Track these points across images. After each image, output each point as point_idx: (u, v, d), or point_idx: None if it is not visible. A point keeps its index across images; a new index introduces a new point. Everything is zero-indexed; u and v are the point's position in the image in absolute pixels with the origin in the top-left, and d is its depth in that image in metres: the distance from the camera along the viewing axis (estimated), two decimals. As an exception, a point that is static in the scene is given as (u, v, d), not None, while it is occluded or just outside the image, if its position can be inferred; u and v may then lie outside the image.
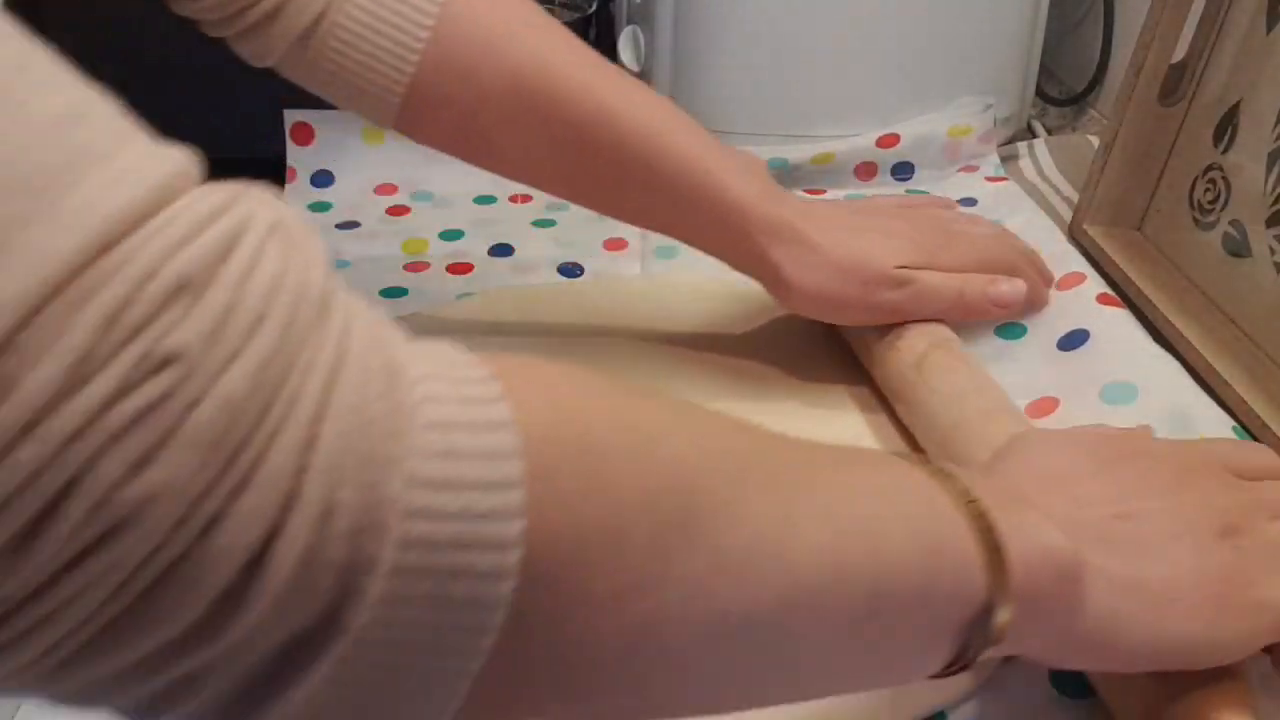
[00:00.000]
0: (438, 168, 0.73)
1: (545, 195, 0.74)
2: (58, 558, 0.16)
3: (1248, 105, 0.56)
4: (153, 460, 0.16)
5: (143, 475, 0.16)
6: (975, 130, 0.75)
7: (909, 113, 0.75)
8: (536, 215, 0.72)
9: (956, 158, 0.75)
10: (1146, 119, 0.61)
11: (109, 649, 0.17)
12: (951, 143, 0.75)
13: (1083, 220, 0.65)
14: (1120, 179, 0.64)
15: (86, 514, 0.16)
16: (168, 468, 0.17)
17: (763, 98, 0.76)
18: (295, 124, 0.75)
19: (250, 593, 0.17)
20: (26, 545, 0.16)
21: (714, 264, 0.58)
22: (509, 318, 0.61)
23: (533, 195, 0.74)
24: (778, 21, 0.73)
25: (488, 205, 0.74)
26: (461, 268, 0.66)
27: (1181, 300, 0.58)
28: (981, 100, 0.76)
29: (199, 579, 0.17)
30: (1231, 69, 0.57)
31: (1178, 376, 0.51)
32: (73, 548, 0.16)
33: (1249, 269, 0.55)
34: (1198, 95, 0.60)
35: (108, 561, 0.17)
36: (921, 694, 0.39)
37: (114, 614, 0.17)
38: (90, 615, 0.17)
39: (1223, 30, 0.58)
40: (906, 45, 0.74)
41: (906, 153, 0.75)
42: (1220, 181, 0.58)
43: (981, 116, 0.75)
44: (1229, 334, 0.55)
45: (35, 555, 0.16)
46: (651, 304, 0.62)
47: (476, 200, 0.74)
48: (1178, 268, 0.61)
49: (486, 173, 0.75)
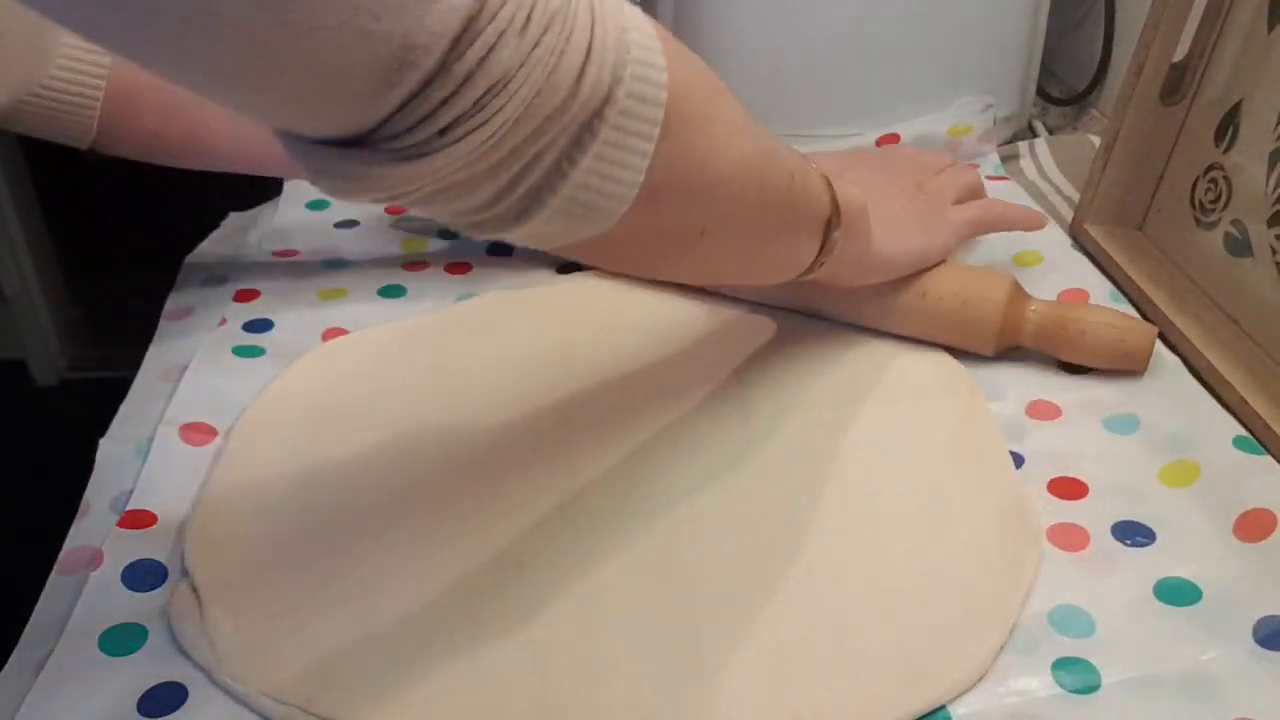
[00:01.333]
0: None
1: None
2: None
3: (1249, 105, 0.56)
4: (535, 43, 0.29)
5: (529, 50, 0.29)
6: (975, 130, 0.75)
7: (909, 113, 0.75)
8: None
9: (956, 157, 0.75)
10: (1147, 119, 0.61)
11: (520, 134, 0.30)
12: (951, 142, 0.75)
13: (1084, 220, 0.65)
14: (1121, 179, 0.63)
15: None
16: (539, 46, 0.29)
17: (763, 98, 0.75)
18: None
19: (581, 87, 0.30)
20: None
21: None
22: (509, 318, 0.60)
23: None
24: (777, 21, 0.73)
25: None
26: (460, 268, 0.66)
27: (1183, 300, 0.58)
28: (981, 100, 0.76)
29: (558, 84, 0.30)
30: (1232, 68, 0.57)
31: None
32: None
33: (1250, 269, 0.55)
34: (1199, 95, 0.60)
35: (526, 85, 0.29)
36: (923, 689, 0.39)
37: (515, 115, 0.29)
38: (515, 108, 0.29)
39: (1224, 30, 0.58)
40: (906, 45, 0.74)
41: None
42: (1221, 181, 0.58)
43: (981, 116, 0.75)
44: (1230, 334, 0.55)
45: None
46: (650, 300, 0.62)
47: None
48: (1179, 267, 0.61)
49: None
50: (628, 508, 0.47)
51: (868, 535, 0.45)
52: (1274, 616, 0.40)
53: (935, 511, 0.46)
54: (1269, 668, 0.39)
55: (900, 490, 0.48)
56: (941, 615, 0.42)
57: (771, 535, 0.46)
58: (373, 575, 0.44)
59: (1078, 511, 0.47)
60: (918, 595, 0.43)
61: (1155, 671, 0.39)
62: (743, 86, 0.77)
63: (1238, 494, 0.45)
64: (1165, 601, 0.42)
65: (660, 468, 0.49)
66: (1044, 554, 0.45)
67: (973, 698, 0.39)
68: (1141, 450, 0.49)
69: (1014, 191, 0.72)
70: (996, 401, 0.53)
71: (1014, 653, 0.40)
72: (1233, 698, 0.38)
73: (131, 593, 0.43)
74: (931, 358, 0.56)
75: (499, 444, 0.51)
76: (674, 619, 0.42)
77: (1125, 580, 0.43)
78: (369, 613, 0.42)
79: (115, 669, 0.40)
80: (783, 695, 0.39)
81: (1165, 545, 0.44)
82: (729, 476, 0.49)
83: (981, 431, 0.51)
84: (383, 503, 0.48)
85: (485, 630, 0.41)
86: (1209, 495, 0.46)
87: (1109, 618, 0.42)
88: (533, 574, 0.44)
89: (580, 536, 0.46)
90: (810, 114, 0.75)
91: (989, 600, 0.42)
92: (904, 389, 0.54)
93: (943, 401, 0.53)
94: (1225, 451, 0.48)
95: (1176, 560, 0.44)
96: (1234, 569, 0.43)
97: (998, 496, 0.47)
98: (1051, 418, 0.52)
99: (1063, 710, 0.38)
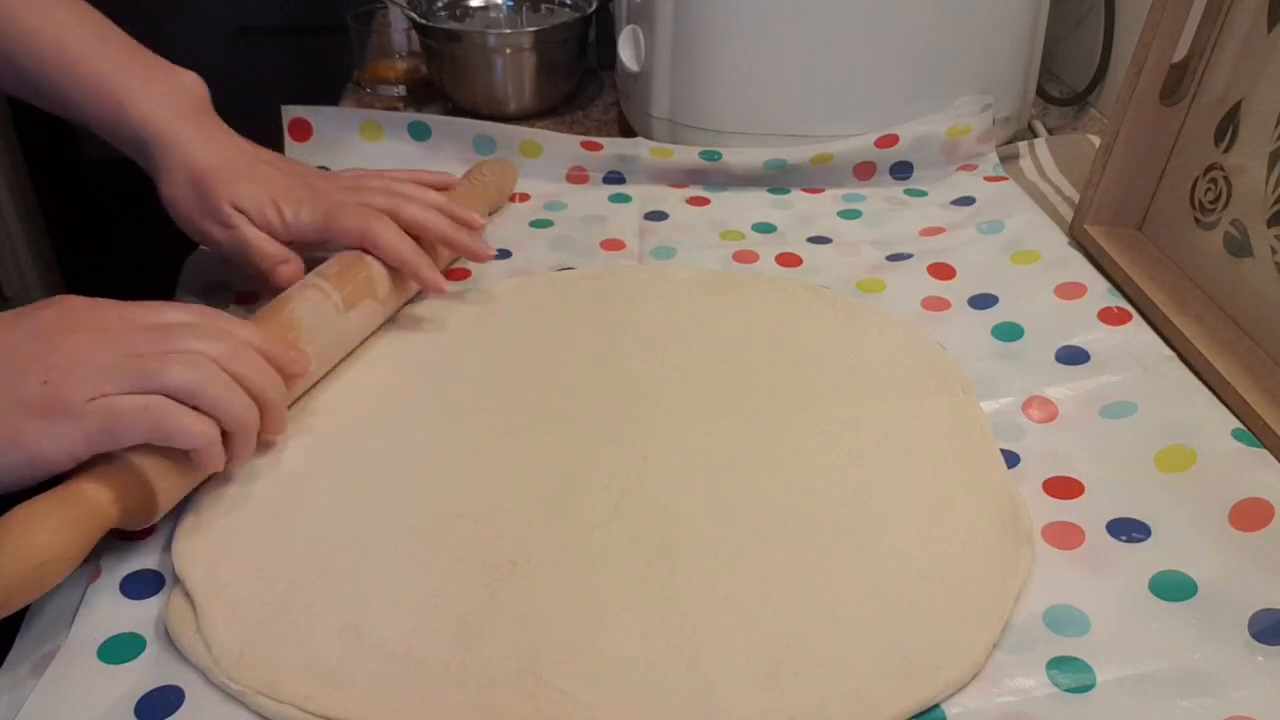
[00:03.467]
0: (436, 167, 0.73)
1: (542, 195, 0.74)
2: None
3: (1249, 105, 0.56)
4: None
5: None
6: (974, 130, 0.75)
7: (909, 113, 0.75)
8: (534, 215, 0.72)
9: (955, 157, 0.75)
10: (1147, 119, 0.61)
11: None
12: (950, 142, 0.75)
13: (1084, 220, 0.65)
14: (1121, 179, 0.63)
15: None
16: None
17: (762, 97, 0.75)
18: (293, 120, 0.75)
19: None
20: None
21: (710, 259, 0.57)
22: (504, 313, 0.60)
23: (530, 195, 0.74)
24: (777, 21, 0.73)
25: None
26: (460, 274, 0.65)
27: (1183, 300, 0.58)
28: (980, 99, 0.76)
29: None
30: (1232, 69, 0.57)
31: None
32: None
33: (1250, 269, 0.55)
34: (1198, 95, 0.60)
35: None
36: (917, 688, 0.39)
37: None
38: None
39: (1223, 30, 0.58)
40: (906, 45, 0.74)
41: (905, 152, 0.75)
42: (1221, 181, 0.57)
43: (980, 116, 0.75)
44: (1230, 334, 0.55)
45: None
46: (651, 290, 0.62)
47: None
48: (1179, 267, 0.61)
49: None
50: (622, 507, 0.47)
51: (860, 534, 0.45)
52: (1270, 610, 0.40)
53: (927, 511, 0.46)
54: (1264, 664, 0.39)
55: (892, 489, 0.48)
56: (934, 614, 0.42)
57: (765, 534, 0.45)
58: (365, 573, 0.44)
59: (1073, 510, 0.47)
60: (910, 594, 0.42)
61: (1151, 669, 0.39)
62: (743, 87, 0.78)
63: (1234, 482, 0.45)
64: (1161, 597, 0.42)
65: (654, 467, 0.49)
66: (1039, 553, 0.44)
67: (968, 697, 0.39)
68: (1137, 435, 0.50)
69: (1012, 193, 0.72)
70: (992, 399, 0.53)
71: (1010, 652, 0.40)
72: (1228, 695, 0.38)
73: (132, 601, 0.43)
74: (923, 354, 0.56)
75: (492, 441, 0.51)
76: (669, 619, 0.42)
77: (1120, 577, 0.43)
78: (362, 610, 0.42)
79: (114, 676, 0.40)
80: (779, 695, 0.39)
81: (1160, 540, 0.44)
82: (723, 476, 0.49)
83: (973, 430, 0.51)
84: (371, 500, 0.48)
85: (480, 627, 0.41)
86: (1205, 482, 0.46)
87: (1104, 616, 0.42)
88: (528, 572, 0.44)
89: (575, 535, 0.46)
90: (810, 114, 0.75)
91: (981, 599, 0.42)
92: (895, 386, 0.54)
93: (935, 399, 0.53)
94: (1223, 440, 0.48)
95: (1172, 556, 0.44)
96: (1230, 561, 0.43)
97: (989, 496, 0.47)
98: (1049, 415, 0.52)
99: (1058, 709, 0.38)
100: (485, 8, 0.95)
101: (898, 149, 0.75)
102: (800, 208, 0.73)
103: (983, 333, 0.58)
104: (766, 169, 0.75)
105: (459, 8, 0.94)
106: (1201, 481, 0.46)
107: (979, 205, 0.71)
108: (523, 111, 0.89)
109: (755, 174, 0.75)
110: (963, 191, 0.73)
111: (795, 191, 0.75)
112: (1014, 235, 0.66)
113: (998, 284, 0.62)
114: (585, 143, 0.76)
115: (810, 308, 0.61)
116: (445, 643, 0.41)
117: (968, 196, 0.72)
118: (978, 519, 0.46)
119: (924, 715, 0.38)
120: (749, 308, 0.61)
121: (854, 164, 0.75)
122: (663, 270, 0.65)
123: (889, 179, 0.75)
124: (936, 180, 0.75)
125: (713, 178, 0.75)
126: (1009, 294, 0.61)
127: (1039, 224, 0.67)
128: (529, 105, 0.89)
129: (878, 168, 0.75)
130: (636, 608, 0.42)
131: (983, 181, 0.74)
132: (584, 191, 0.75)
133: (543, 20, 0.94)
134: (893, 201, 0.73)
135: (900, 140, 0.74)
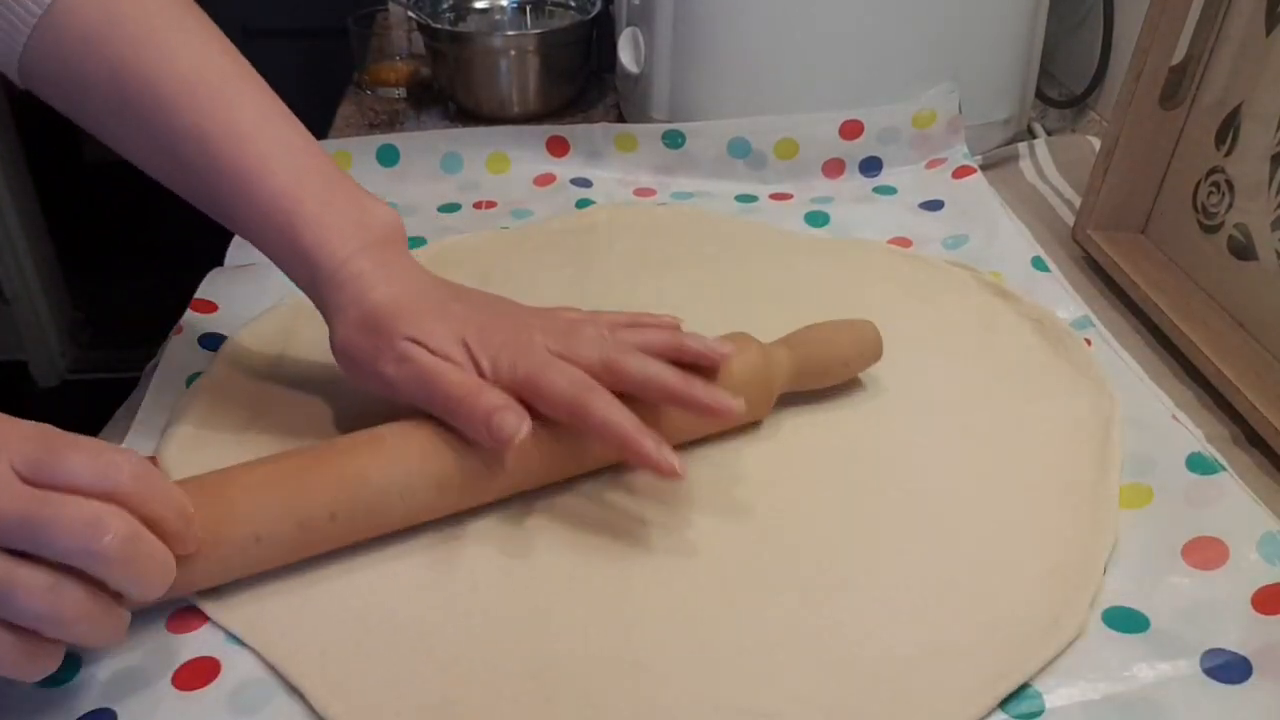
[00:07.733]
0: (404, 195, 0.73)
1: (509, 202, 0.73)
2: None
3: (1249, 108, 0.56)
4: None
5: None
6: (940, 116, 0.74)
7: (910, 114, 0.75)
8: (502, 221, 0.71)
9: (925, 150, 0.75)
10: (1147, 122, 0.61)
11: None
12: (919, 135, 0.74)
13: (1085, 224, 0.65)
14: (1122, 183, 0.63)
15: None
16: None
17: (762, 99, 0.75)
18: None
19: None
20: None
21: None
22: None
23: (497, 201, 0.73)
24: (777, 24, 0.73)
25: (451, 214, 0.72)
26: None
27: (1187, 304, 0.58)
28: (946, 86, 0.75)
29: None
30: (1231, 71, 0.57)
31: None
32: None
33: (1255, 272, 0.55)
34: (1198, 98, 0.60)
35: None
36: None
37: None
38: None
39: (1221, 32, 0.58)
40: (907, 49, 0.74)
41: (873, 147, 0.75)
42: (1224, 184, 0.57)
43: (945, 100, 0.75)
44: (1236, 338, 0.55)
45: None
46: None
47: (440, 209, 0.72)
48: (1183, 271, 0.61)
49: (450, 182, 0.74)
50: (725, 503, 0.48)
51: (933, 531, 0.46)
52: (1220, 649, 0.40)
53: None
54: (1214, 693, 0.38)
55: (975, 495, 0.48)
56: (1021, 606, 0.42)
57: (850, 522, 0.46)
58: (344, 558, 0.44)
59: None
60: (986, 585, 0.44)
61: (1100, 696, 0.39)
62: (743, 86, 0.78)
63: (1189, 519, 0.45)
64: (1114, 629, 0.41)
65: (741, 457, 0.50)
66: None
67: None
68: None
69: (981, 194, 0.71)
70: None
71: None
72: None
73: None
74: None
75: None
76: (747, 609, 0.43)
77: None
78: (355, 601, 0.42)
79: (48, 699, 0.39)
80: (872, 685, 0.39)
81: (1115, 573, 0.44)
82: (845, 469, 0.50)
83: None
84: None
85: (483, 626, 0.41)
86: (1160, 520, 0.46)
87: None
88: (543, 572, 0.44)
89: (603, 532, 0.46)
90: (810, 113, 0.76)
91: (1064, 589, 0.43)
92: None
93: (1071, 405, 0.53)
94: (1179, 474, 0.47)
95: (1125, 591, 0.43)
96: (1183, 599, 0.42)
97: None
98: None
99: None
100: (489, 10, 0.95)
101: (865, 141, 0.74)
102: (770, 214, 0.72)
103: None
104: (730, 155, 0.74)
105: (463, 10, 0.94)
106: (1158, 518, 0.46)
107: (947, 210, 0.71)
108: (526, 114, 0.89)
109: (722, 165, 0.75)
110: (932, 193, 0.72)
111: (763, 199, 0.74)
112: (978, 252, 0.66)
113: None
114: (551, 139, 0.76)
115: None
116: (443, 640, 0.41)
117: (936, 200, 0.72)
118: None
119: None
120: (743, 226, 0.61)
121: (823, 161, 0.75)
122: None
123: (859, 176, 0.75)
124: (906, 176, 0.75)
125: (679, 173, 0.75)
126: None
127: (1009, 233, 0.67)
128: (533, 108, 0.89)
129: (846, 165, 0.75)
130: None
131: (950, 180, 0.73)
132: (551, 194, 0.74)
133: (547, 23, 0.94)
134: (861, 200, 0.73)
135: (865, 129, 0.74)
